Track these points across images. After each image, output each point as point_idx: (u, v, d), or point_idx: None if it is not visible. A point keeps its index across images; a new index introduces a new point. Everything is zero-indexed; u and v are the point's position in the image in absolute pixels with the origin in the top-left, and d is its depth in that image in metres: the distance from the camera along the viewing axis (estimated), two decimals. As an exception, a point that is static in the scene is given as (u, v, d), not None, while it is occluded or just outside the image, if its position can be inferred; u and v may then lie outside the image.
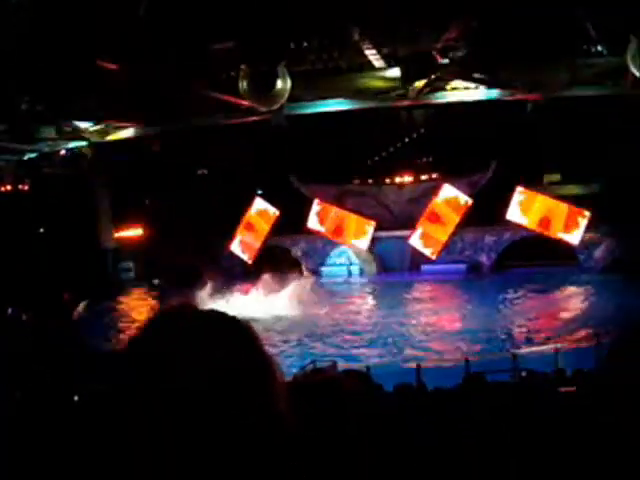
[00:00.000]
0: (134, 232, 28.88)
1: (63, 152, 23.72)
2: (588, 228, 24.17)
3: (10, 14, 11.13)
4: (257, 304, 20.67)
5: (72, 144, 22.42)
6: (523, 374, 10.02)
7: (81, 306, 20.24)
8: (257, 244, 28.09)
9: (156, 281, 26.99)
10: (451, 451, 4.50)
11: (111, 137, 21.57)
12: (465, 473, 4.18)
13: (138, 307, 23.64)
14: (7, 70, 13.11)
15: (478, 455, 4.41)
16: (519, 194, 24.63)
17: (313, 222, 27.41)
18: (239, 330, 1.03)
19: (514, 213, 24.65)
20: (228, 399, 0.93)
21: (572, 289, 22.72)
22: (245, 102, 14.47)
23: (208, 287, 21.90)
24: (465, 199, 25.44)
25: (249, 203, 28.45)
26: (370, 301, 23.09)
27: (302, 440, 1.53)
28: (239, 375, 0.96)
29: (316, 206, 27.26)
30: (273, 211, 27.60)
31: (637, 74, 11.17)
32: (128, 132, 20.92)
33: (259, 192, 29.19)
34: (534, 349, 14.56)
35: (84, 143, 21.99)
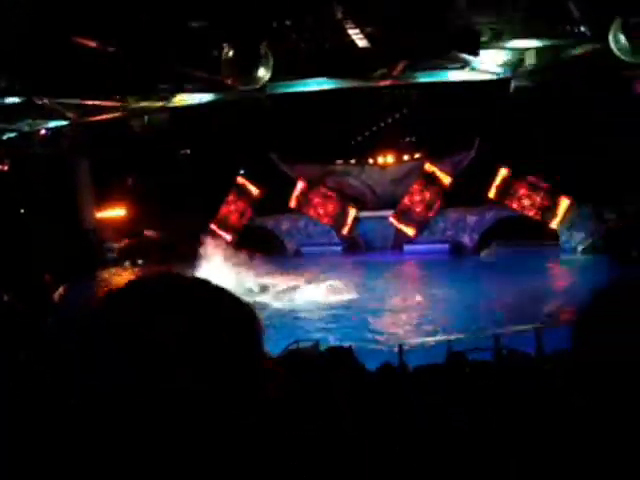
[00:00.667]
0: (117, 212, 28.71)
1: (43, 132, 23.47)
2: (570, 209, 24.49)
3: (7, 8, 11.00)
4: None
5: (52, 123, 22.18)
6: (504, 353, 10.12)
7: (62, 287, 20.11)
8: (239, 224, 28.22)
9: (140, 261, 26.93)
10: (434, 429, 4.54)
11: (92, 117, 21.37)
12: (448, 451, 4.22)
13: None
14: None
15: (461, 433, 4.47)
16: (502, 175, 24.93)
17: (296, 202, 27.54)
18: (226, 298, 1.00)
19: (495, 193, 24.97)
20: (213, 370, 0.90)
21: (554, 269, 22.93)
22: (227, 81, 14.36)
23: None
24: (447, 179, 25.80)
25: (232, 182, 28.52)
26: (352, 281, 23.13)
27: (290, 416, 1.53)
28: (226, 344, 0.93)
29: (299, 186, 27.39)
30: (255, 191, 27.79)
31: (619, 55, 11.20)
32: (109, 112, 20.74)
33: (242, 171, 29.18)
34: (516, 328, 14.68)
35: (65, 122, 21.77)
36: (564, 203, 24.59)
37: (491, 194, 25.01)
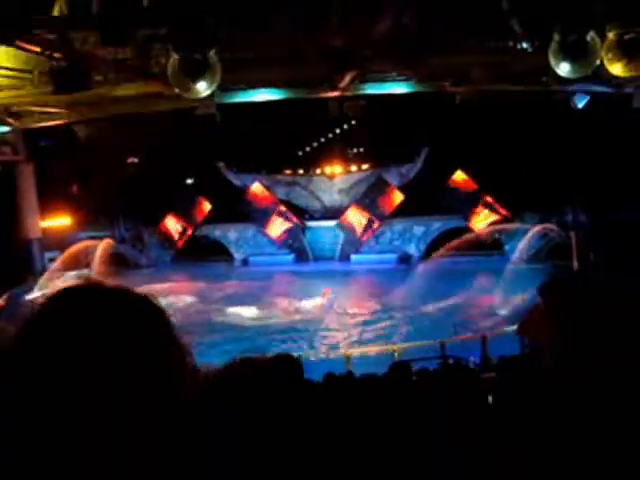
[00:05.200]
0: (61, 221, 28.13)
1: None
2: (512, 220, 25.11)
3: None
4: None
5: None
6: (450, 361, 10.28)
7: (3, 297, 19.63)
8: (186, 233, 28.07)
9: (86, 271, 26.43)
10: (377, 437, 4.58)
11: (37, 123, 20.96)
12: (390, 458, 4.26)
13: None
14: None
15: (403, 440, 4.51)
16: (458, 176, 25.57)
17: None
18: (148, 309, 0.98)
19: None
20: (132, 383, 0.89)
21: (498, 279, 23.26)
22: (174, 90, 14.25)
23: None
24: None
25: (179, 191, 28.38)
26: (299, 291, 23.16)
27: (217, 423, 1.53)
28: (146, 357, 0.92)
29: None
30: (207, 205, 27.86)
31: (557, 71, 11.50)
32: (54, 118, 20.36)
33: (189, 181, 29.04)
34: (462, 337, 14.89)
35: (8, 129, 21.30)
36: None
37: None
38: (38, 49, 13.17)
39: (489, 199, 25.67)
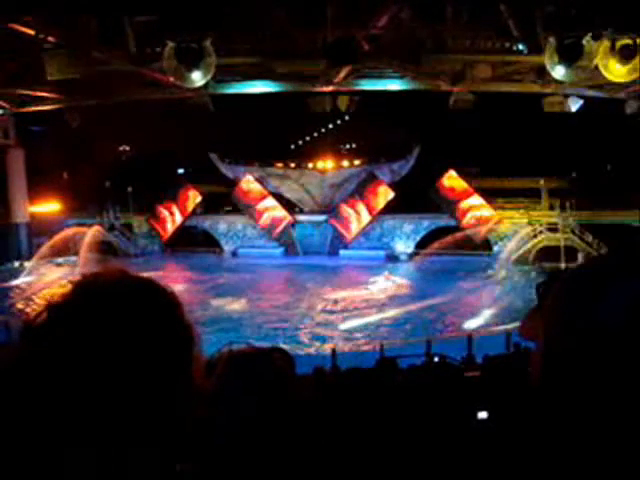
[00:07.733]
0: (50, 206, 28.00)
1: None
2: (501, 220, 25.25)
3: None
4: None
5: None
6: (436, 359, 10.30)
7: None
8: (175, 224, 28.03)
9: (74, 258, 26.34)
10: (362, 429, 4.61)
11: (29, 108, 20.85)
12: (372, 451, 4.28)
13: (52, 282, 23.01)
14: None
15: (387, 432, 4.54)
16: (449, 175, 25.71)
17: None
18: (164, 299, 1.01)
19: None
20: (146, 370, 0.92)
21: (485, 278, 23.36)
22: (169, 79, 14.23)
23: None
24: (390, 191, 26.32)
25: (170, 181, 28.32)
26: (286, 284, 23.16)
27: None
28: (160, 345, 0.95)
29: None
30: (197, 195, 27.83)
31: (553, 74, 11.56)
32: (47, 104, 20.24)
33: (180, 171, 28.97)
34: (448, 335, 14.96)
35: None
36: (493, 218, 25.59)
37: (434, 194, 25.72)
38: (32, 32, 13.12)
39: (479, 199, 25.73)
